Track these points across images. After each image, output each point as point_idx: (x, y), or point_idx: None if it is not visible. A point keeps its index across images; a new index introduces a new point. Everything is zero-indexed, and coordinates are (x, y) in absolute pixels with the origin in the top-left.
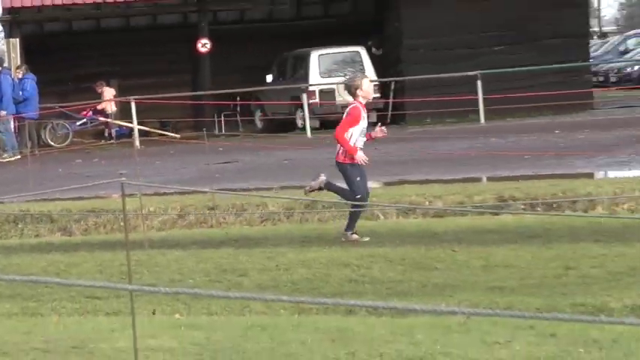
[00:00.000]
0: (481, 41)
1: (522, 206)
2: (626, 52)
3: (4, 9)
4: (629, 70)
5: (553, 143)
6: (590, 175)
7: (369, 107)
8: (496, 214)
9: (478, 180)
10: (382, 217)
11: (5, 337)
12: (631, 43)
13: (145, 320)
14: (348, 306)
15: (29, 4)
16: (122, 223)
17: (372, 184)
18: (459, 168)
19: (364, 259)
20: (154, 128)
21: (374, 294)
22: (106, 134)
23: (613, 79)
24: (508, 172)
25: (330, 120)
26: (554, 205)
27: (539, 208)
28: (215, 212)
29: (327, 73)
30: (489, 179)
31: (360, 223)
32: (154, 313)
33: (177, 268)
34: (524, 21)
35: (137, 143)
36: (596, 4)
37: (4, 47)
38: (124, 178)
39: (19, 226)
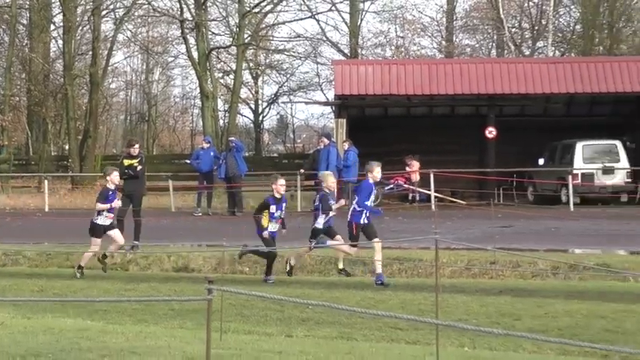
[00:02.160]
0: None
1: None
2: None
3: (336, 95)
4: None
5: None
6: None
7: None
8: None
9: None
10: (632, 280)
11: (330, 355)
12: None
13: (441, 350)
14: (606, 350)
15: (360, 91)
16: (420, 270)
17: (623, 253)
18: None
19: (618, 313)
20: (447, 196)
21: (625, 342)
22: (410, 198)
23: None
24: None
25: (589, 198)
26: None
27: None
28: (495, 266)
29: (588, 159)
30: None
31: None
32: None
33: (465, 310)
34: None
35: (433, 207)
36: None
37: (333, 125)
38: (438, 236)
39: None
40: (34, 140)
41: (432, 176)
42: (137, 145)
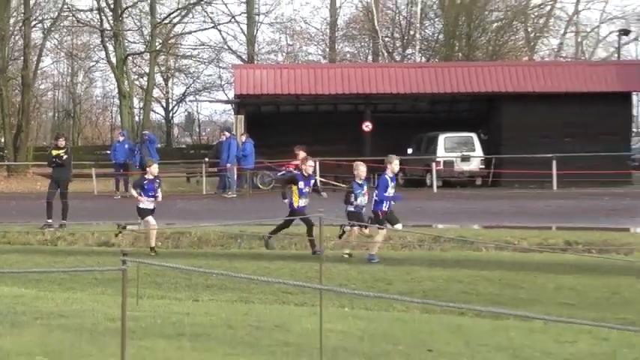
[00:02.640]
0: (556, 135)
1: (582, 249)
2: None
3: (235, 95)
4: None
5: (602, 206)
6: (627, 229)
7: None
8: (564, 252)
9: (550, 228)
10: (485, 249)
11: (230, 316)
12: None
13: (324, 310)
14: (462, 309)
15: (256, 91)
16: (308, 244)
17: (477, 227)
18: (537, 219)
19: (472, 277)
20: (330, 180)
21: (478, 302)
22: None
23: None
24: (572, 224)
25: (449, 181)
26: (605, 249)
27: (594, 251)
28: (371, 239)
29: (449, 149)
30: (558, 228)
31: (468, 253)
32: None
33: (345, 277)
34: (586, 124)
35: (319, 189)
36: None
37: (232, 118)
38: (322, 214)
39: (238, 241)
40: None
41: (317, 164)
42: (63, 138)
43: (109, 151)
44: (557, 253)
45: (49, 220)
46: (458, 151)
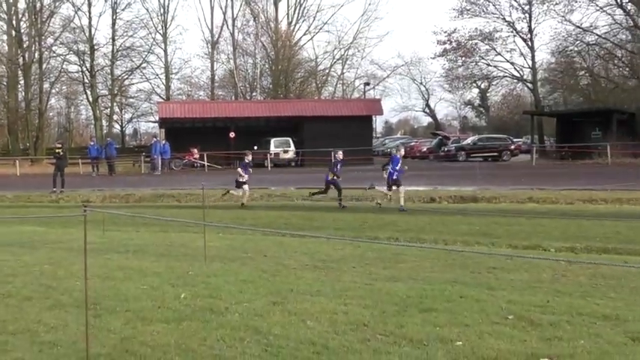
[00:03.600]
0: (333, 138)
1: (349, 198)
2: (384, 144)
3: (159, 118)
4: (387, 150)
5: (358, 175)
6: (373, 187)
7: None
8: (337, 200)
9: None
10: (295, 200)
11: (155, 240)
12: (387, 141)
13: (207, 235)
14: (284, 233)
15: (170, 116)
16: (199, 200)
17: (293, 189)
18: (322, 184)
19: (289, 215)
20: (212, 164)
21: (292, 229)
22: (195, 166)
23: (380, 153)
24: (343, 186)
25: (277, 163)
26: (358, 199)
27: (354, 200)
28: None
29: (277, 146)
30: (344, 188)
31: (286, 202)
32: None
33: (220, 217)
34: (349, 132)
35: (206, 169)
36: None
37: (158, 131)
38: (204, 183)
39: (161, 198)
40: (12, 141)
41: (205, 155)
42: (60, 143)
43: (87, 150)
44: (333, 201)
45: (54, 189)
46: (281, 147)
